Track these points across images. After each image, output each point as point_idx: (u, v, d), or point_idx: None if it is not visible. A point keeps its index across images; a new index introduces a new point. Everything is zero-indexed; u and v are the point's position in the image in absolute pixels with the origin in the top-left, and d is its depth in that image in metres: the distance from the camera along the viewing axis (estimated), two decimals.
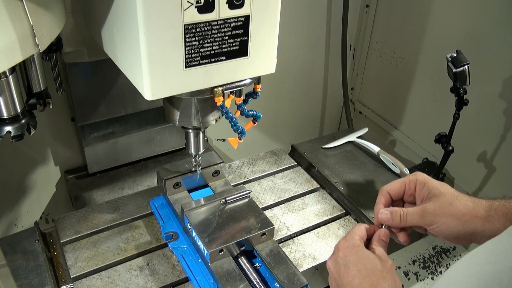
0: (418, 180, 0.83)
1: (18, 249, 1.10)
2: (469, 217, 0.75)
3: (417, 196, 0.84)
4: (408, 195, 0.86)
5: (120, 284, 1.03)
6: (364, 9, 1.82)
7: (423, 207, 0.80)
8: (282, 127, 1.95)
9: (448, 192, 0.79)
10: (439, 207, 0.78)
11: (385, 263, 0.75)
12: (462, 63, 1.20)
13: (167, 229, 1.13)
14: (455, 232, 0.77)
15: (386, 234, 0.83)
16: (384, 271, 0.73)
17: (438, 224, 0.78)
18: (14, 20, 0.72)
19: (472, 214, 0.75)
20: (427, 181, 0.82)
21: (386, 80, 1.85)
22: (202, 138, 1.05)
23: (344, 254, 0.78)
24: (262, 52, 0.85)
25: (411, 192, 0.85)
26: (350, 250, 0.78)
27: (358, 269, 0.74)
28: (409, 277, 1.69)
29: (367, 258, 0.76)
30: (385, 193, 0.86)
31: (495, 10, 1.38)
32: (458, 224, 0.76)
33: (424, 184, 0.82)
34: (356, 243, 0.79)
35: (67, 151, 1.46)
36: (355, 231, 0.82)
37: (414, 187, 0.84)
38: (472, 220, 0.75)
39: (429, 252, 1.76)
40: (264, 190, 1.33)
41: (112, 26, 0.85)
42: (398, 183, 0.86)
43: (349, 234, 0.82)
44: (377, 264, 0.75)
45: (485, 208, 0.75)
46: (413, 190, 0.84)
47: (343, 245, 0.80)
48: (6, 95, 0.87)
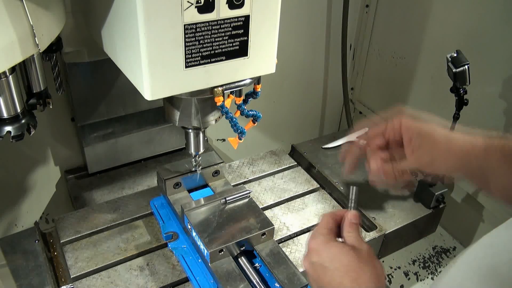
0: (404, 127, 0.77)
1: (18, 249, 1.10)
2: (466, 157, 0.73)
3: (406, 143, 0.77)
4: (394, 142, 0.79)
5: (120, 284, 1.03)
6: (364, 9, 1.82)
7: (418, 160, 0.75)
8: (282, 127, 1.95)
9: (441, 135, 0.75)
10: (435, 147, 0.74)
11: (360, 252, 0.71)
12: (462, 63, 1.20)
13: (167, 229, 1.13)
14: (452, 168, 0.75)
15: (356, 215, 0.78)
16: (362, 262, 0.70)
17: (437, 164, 0.75)
18: (14, 20, 0.72)
19: (469, 154, 0.73)
20: (414, 127, 0.76)
21: (386, 80, 1.85)
22: (202, 138, 1.05)
23: (317, 253, 0.74)
24: (262, 52, 0.85)
25: (397, 139, 0.78)
26: (322, 248, 0.74)
27: (336, 267, 0.71)
28: (409, 277, 1.69)
29: (341, 253, 0.72)
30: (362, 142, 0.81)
31: (495, 10, 1.38)
32: (456, 159, 0.74)
33: (410, 130, 0.76)
34: (325, 238, 0.75)
35: (67, 151, 1.46)
36: (322, 224, 0.77)
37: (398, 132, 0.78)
38: (469, 159, 0.73)
39: (429, 252, 1.76)
40: (264, 190, 1.33)
41: (112, 26, 0.85)
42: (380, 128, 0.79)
43: (317, 229, 0.77)
44: (352, 256, 0.71)
45: (482, 147, 0.72)
46: (397, 135, 0.78)
47: (314, 243, 0.75)
48: (6, 95, 0.87)
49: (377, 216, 1.25)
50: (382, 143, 0.81)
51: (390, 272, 1.72)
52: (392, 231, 1.22)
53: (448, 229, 1.76)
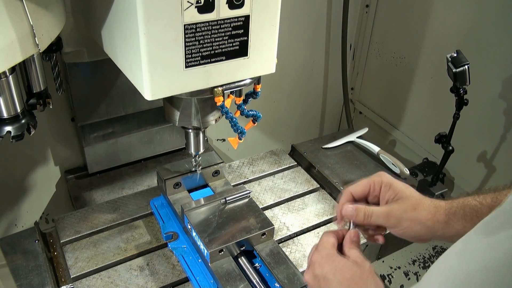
0: (383, 182, 0.82)
1: (18, 249, 1.10)
2: (431, 223, 0.77)
3: (382, 197, 0.83)
4: (373, 197, 0.85)
5: (120, 284, 1.03)
6: (364, 9, 1.82)
7: (389, 209, 0.80)
8: (282, 127, 1.95)
9: (413, 196, 0.80)
10: (404, 211, 0.78)
11: (363, 267, 0.74)
12: (462, 63, 1.20)
13: (167, 229, 1.13)
14: (417, 236, 0.79)
15: (356, 233, 0.81)
16: (364, 275, 0.72)
17: (402, 227, 0.79)
18: (14, 20, 0.72)
19: (434, 220, 0.77)
20: (393, 183, 0.82)
21: (386, 80, 1.85)
22: (202, 138, 1.05)
23: (320, 266, 0.76)
24: (262, 52, 0.85)
25: (376, 194, 0.84)
26: (326, 261, 0.75)
27: (338, 280, 0.72)
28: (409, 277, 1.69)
29: (344, 267, 0.74)
30: (348, 194, 0.85)
31: (495, 10, 1.38)
32: (421, 228, 0.78)
33: (389, 186, 0.82)
34: (329, 252, 0.77)
35: (67, 151, 1.46)
36: (325, 240, 0.79)
37: (379, 188, 0.83)
38: (434, 225, 0.77)
39: (429, 252, 1.76)
40: (264, 190, 1.33)
41: (112, 26, 0.85)
42: (363, 185, 0.85)
43: (319, 244, 0.79)
44: (355, 270, 0.73)
45: (445, 213, 0.77)
46: (377, 191, 0.83)
47: (317, 257, 0.77)
48: (6, 95, 0.87)
49: None
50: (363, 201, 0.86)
51: (390, 272, 1.72)
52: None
53: None
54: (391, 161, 1.41)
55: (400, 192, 0.80)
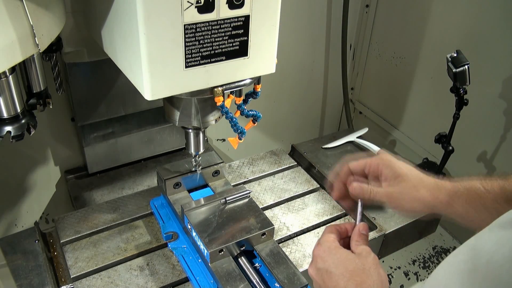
0: (383, 161, 0.83)
1: (18, 249, 1.10)
2: (433, 202, 0.77)
3: (382, 177, 0.83)
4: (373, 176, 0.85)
5: (120, 284, 1.03)
6: (364, 9, 1.83)
7: (389, 190, 0.81)
8: (282, 127, 1.95)
9: (413, 174, 0.80)
10: (404, 192, 0.79)
11: (366, 259, 0.74)
12: (462, 63, 1.20)
13: (167, 229, 1.13)
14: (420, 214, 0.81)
15: (366, 227, 0.81)
16: (367, 268, 0.72)
17: (405, 207, 0.80)
18: (14, 20, 0.72)
19: (436, 200, 0.77)
20: (392, 162, 0.82)
21: (386, 80, 1.85)
22: (202, 138, 1.05)
23: (322, 259, 0.76)
24: (262, 52, 0.85)
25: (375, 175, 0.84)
26: (328, 254, 0.76)
27: (341, 272, 0.73)
28: (409, 277, 1.69)
29: (346, 259, 0.74)
30: (347, 170, 0.86)
31: (495, 10, 1.38)
32: (423, 207, 0.79)
33: (389, 166, 0.82)
34: (331, 245, 0.77)
35: (67, 151, 1.46)
36: (327, 234, 0.80)
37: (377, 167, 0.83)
38: (435, 204, 0.77)
39: (429, 252, 1.77)
40: (264, 190, 1.33)
41: (112, 26, 0.85)
42: (362, 163, 0.85)
43: (322, 238, 0.80)
44: (357, 263, 0.73)
45: (448, 193, 0.77)
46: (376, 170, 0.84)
47: (320, 250, 0.78)
48: (6, 95, 0.87)
49: (377, 216, 1.25)
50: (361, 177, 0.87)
51: (390, 272, 1.73)
52: (392, 231, 1.22)
53: (448, 229, 1.76)
54: None
55: (399, 171, 0.80)
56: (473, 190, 0.75)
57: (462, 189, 0.76)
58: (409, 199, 0.79)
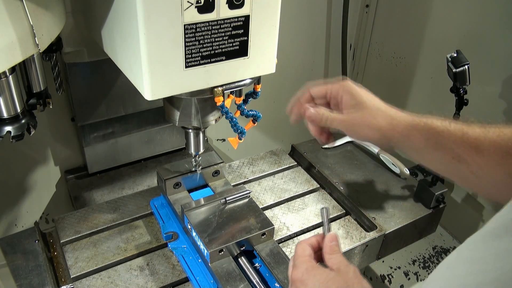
0: (343, 88, 0.82)
1: (18, 249, 1.10)
2: (391, 132, 0.76)
3: (342, 104, 0.82)
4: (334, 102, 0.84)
5: (120, 284, 1.03)
6: (364, 9, 1.82)
7: (347, 117, 0.80)
8: (282, 127, 1.95)
9: (372, 103, 0.79)
10: (362, 119, 0.78)
11: (347, 275, 0.70)
12: (462, 63, 1.20)
13: (167, 229, 1.13)
14: (374, 141, 0.80)
15: (334, 237, 0.76)
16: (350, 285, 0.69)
17: (359, 133, 0.79)
18: (14, 20, 0.72)
19: (393, 130, 0.76)
20: (353, 90, 0.81)
21: (386, 80, 1.85)
22: (202, 138, 1.05)
23: (302, 283, 0.71)
24: (262, 52, 0.85)
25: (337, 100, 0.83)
26: (307, 277, 0.71)
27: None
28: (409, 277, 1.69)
29: (327, 279, 0.69)
30: (308, 94, 0.85)
31: (495, 10, 1.38)
32: (380, 137, 0.78)
33: (349, 92, 0.81)
34: (308, 266, 0.72)
35: (67, 151, 1.46)
36: (300, 253, 0.75)
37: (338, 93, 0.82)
38: (393, 135, 0.76)
39: (429, 252, 1.76)
40: (264, 190, 1.33)
41: (112, 26, 0.85)
42: (323, 88, 0.84)
43: (296, 258, 0.75)
44: (339, 281, 0.69)
45: (407, 126, 0.76)
46: (336, 96, 0.83)
47: (298, 273, 0.72)
48: (6, 95, 0.87)
49: (377, 216, 1.25)
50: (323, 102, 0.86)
51: (390, 272, 1.73)
52: (392, 231, 1.22)
53: (448, 229, 1.76)
54: (391, 161, 1.41)
55: (359, 99, 0.80)
56: (432, 127, 0.73)
57: (422, 124, 0.74)
58: (365, 126, 0.78)
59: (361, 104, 0.79)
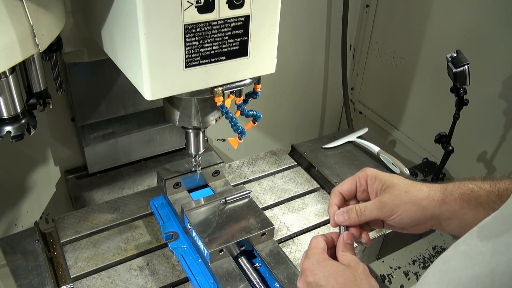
0: (368, 175, 0.81)
1: (18, 249, 1.10)
2: (427, 201, 0.75)
3: (370, 191, 0.81)
4: (361, 192, 0.83)
5: (120, 284, 1.03)
6: (364, 9, 1.83)
7: (380, 199, 0.78)
8: (282, 127, 1.95)
9: (401, 181, 0.78)
10: (396, 197, 0.77)
11: (356, 271, 0.71)
12: (462, 63, 1.20)
13: (167, 229, 1.13)
14: (415, 219, 0.77)
15: (350, 236, 0.78)
16: (358, 279, 0.70)
17: (398, 213, 0.77)
18: (14, 20, 0.72)
19: (429, 198, 0.75)
20: (378, 175, 0.80)
21: (386, 80, 1.85)
22: (202, 138, 1.05)
23: (312, 273, 0.73)
24: (262, 52, 0.85)
25: (363, 188, 0.82)
26: (317, 267, 0.73)
27: (332, 285, 0.70)
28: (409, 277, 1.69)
29: (336, 271, 0.72)
30: (337, 194, 0.83)
31: (495, 10, 1.38)
32: (417, 209, 0.76)
33: (375, 178, 0.80)
34: (320, 257, 0.75)
35: (67, 151, 1.46)
36: (314, 245, 0.77)
37: (366, 182, 0.81)
38: (429, 203, 0.75)
39: (429, 252, 1.77)
40: (264, 190, 1.33)
41: (112, 26, 0.85)
42: (349, 182, 0.83)
43: (309, 250, 0.77)
44: (348, 274, 0.71)
45: (441, 191, 0.75)
46: (365, 186, 0.82)
47: (309, 263, 0.75)
48: (6, 95, 0.87)
49: None
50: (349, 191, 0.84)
51: (390, 272, 1.73)
52: (392, 231, 1.22)
53: None
54: (391, 161, 1.41)
55: (387, 181, 0.79)
56: (464, 187, 0.73)
57: (453, 187, 0.74)
58: (401, 204, 0.76)
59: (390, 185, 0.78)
